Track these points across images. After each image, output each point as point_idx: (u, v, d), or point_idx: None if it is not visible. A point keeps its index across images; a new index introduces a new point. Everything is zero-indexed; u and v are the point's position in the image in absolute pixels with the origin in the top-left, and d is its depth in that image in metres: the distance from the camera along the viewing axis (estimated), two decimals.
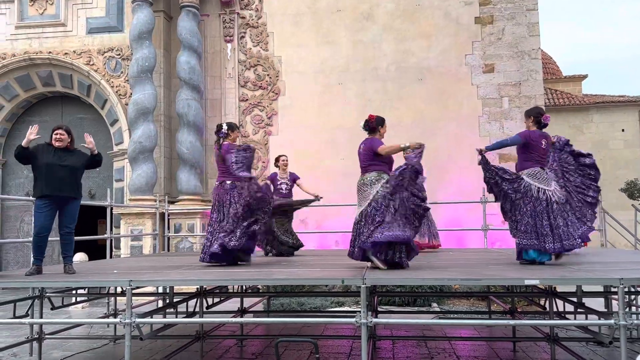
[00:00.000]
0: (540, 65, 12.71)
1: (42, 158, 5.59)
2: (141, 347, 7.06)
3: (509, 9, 12.75)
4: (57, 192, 5.55)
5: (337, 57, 13.16)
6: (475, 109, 12.66)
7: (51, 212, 5.60)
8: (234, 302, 8.31)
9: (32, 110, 14.40)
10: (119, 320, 4.67)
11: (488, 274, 4.74)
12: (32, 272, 5.43)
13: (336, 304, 9.63)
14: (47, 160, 5.58)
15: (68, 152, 5.75)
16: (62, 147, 5.71)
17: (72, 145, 5.83)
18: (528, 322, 5.73)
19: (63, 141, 5.71)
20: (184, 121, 12.43)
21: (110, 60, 13.27)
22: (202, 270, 5.81)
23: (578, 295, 6.08)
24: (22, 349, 6.59)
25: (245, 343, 7.26)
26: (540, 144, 5.63)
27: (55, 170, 5.55)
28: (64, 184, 5.58)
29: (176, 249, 12.09)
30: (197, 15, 12.88)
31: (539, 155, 5.63)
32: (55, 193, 5.54)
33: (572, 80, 24.98)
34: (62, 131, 5.76)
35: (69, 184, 5.63)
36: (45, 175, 5.54)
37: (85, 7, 13.51)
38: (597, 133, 21.99)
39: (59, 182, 5.54)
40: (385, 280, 5.15)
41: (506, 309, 7.57)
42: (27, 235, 13.31)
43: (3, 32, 13.71)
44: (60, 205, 5.63)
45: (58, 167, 5.58)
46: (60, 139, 5.69)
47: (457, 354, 6.59)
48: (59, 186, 5.55)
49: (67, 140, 5.75)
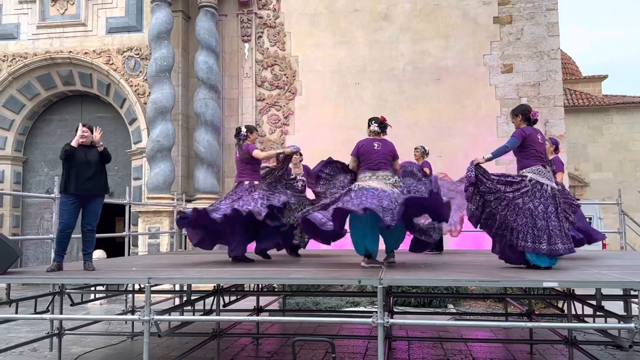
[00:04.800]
0: (559, 66, 12.58)
1: (75, 157, 5.70)
2: (158, 344, 7.13)
3: (528, 8, 12.64)
4: (84, 191, 5.66)
5: (353, 57, 13.15)
6: (493, 109, 12.57)
7: (76, 210, 5.69)
8: (250, 300, 8.35)
9: (53, 108, 14.61)
10: (137, 317, 4.72)
11: (505, 275, 4.71)
12: (52, 268, 5.51)
13: (351, 304, 9.63)
14: (79, 159, 5.69)
15: (91, 149, 5.84)
16: (87, 144, 5.81)
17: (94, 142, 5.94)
18: (546, 324, 5.67)
19: (89, 138, 5.82)
20: (202, 120, 12.52)
21: (129, 59, 13.40)
22: (219, 268, 5.86)
23: (597, 298, 6.00)
24: (43, 344, 6.70)
25: (261, 342, 7.30)
26: (537, 138, 5.46)
27: (85, 168, 5.70)
28: (91, 182, 5.71)
29: (193, 247, 12.15)
30: (215, 15, 12.96)
31: (537, 151, 5.43)
32: (84, 192, 5.66)
33: (591, 80, 24.70)
34: (86, 128, 5.87)
35: (95, 181, 5.75)
36: (77, 173, 5.67)
37: (105, 7, 13.67)
38: (617, 134, 21.72)
39: (87, 180, 5.68)
40: (402, 280, 5.13)
41: (523, 311, 7.51)
42: (47, 232, 13.52)
43: (25, 32, 13.93)
44: (84, 202, 5.73)
45: (86, 165, 5.71)
46: (84, 137, 5.79)
47: (473, 355, 6.56)
48: (87, 184, 5.67)
49: (91, 137, 5.85)
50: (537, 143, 5.44)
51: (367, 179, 5.65)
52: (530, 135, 5.43)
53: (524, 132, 5.43)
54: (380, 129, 5.95)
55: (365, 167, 5.73)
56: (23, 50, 13.83)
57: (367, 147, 5.77)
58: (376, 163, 5.69)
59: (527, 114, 5.55)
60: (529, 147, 5.41)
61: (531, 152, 5.41)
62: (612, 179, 21.23)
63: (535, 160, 5.39)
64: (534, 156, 5.40)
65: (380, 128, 5.95)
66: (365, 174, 5.69)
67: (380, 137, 5.92)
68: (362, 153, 5.76)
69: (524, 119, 5.56)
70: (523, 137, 5.40)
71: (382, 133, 5.95)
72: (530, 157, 5.40)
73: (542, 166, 5.38)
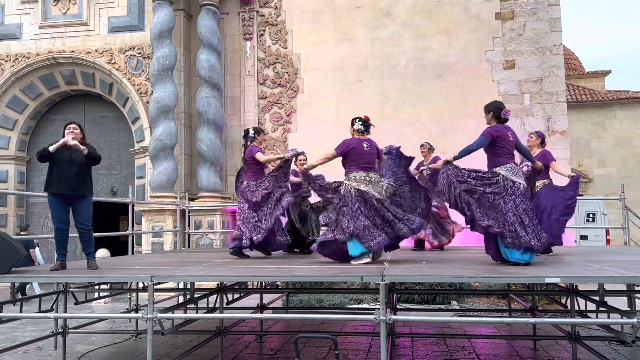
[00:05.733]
0: (562, 61, 12.54)
1: (57, 156, 5.63)
2: (162, 342, 7.15)
3: (530, 4, 12.60)
4: (65, 191, 5.55)
5: (355, 55, 13.14)
6: None
7: (64, 208, 5.61)
8: (253, 298, 8.37)
9: (56, 108, 14.66)
10: (141, 315, 4.73)
11: (508, 271, 4.70)
12: (56, 267, 5.53)
13: (355, 301, 9.64)
14: (61, 158, 5.61)
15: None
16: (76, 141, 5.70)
17: (84, 140, 5.84)
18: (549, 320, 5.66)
19: (77, 135, 5.72)
20: (204, 119, 12.54)
21: (131, 58, 13.43)
22: (222, 266, 5.87)
23: (600, 293, 5.99)
24: (47, 342, 6.73)
25: (264, 339, 7.32)
26: (508, 136, 5.42)
27: (64, 167, 5.57)
28: (71, 182, 5.57)
29: (196, 245, 12.21)
30: (217, 14, 12.96)
31: (508, 149, 5.41)
32: (63, 191, 5.56)
33: (594, 76, 24.62)
34: (75, 125, 5.75)
35: (76, 181, 5.60)
36: (56, 172, 5.57)
37: (107, 6, 13.69)
38: (621, 129, 21.63)
39: (65, 180, 5.54)
40: (404, 277, 5.14)
41: (527, 307, 7.50)
42: (51, 231, 13.46)
43: (27, 32, 13.96)
44: (70, 202, 5.64)
45: (66, 164, 5.58)
46: (74, 133, 5.70)
47: (476, 352, 6.56)
48: (66, 184, 5.54)
49: (80, 135, 5.76)
50: (508, 141, 5.41)
51: (362, 178, 5.69)
52: (501, 134, 5.40)
53: (493, 131, 5.40)
54: (364, 128, 6.01)
55: (358, 166, 5.79)
56: (26, 50, 13.87)
57: (358, 148, 5.82)
58: (367, 163, 5.79)
59: (498, 112, 5.51)
60: (500, 146, 5.39)
61: (502, 150, 5.39)
62: (615, 174, 21.16)
63: (507, 158, 5.38)
64: (506, 154, 5.39)
65: (364, 127, 6.01)
66: (360, 173, 5.74)
67: (366, 137, 5.99)
68: (353, 153, 5.82)
69: (495, 117, 5.53)
70: (492, 137, 5.38)
71: (365, 132, 6.02)
72: (501, 155, 5.38)
73: (514, 163, 5.38)
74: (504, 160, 5.34)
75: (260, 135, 7.06)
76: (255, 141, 6.95)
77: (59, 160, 5.60)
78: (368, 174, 5.73)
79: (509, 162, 5.34)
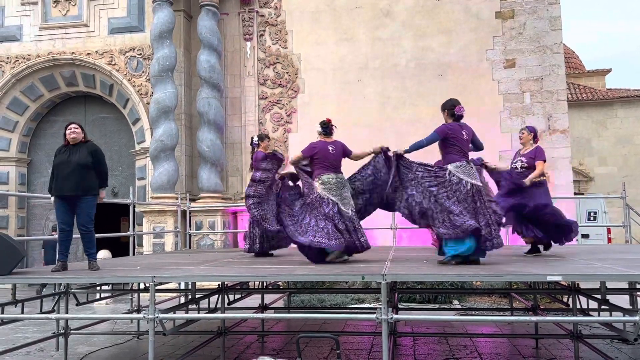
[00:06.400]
0: (562, 60, 12.53)
1: (56, 159, 5.65)
2: (164, 342, 7.15)
3: (530, 3, 12.59)
4: (67, 192, 5.56)
5: (356, 54, 13.14)
6: (497, 104, 12.54)
7: (67, 208, 5.62)
8: (255, 298, 8.36)
9: (56, 109, 14.67)
10: (142, 315, 4.73)
11: (509, 270, 4.70)
12: (57, 268, 5.53)
13: (356, 301, 9.63)
14: (57, 161, 5.62)
15: (80, 147, 5.71)
16: (77, 141, 5.72)
17: (85, 137, 5.83)
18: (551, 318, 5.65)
19: (78, 134, 5.73)
20: (205, 119, 12.54)
21: (131, 60, 13.43)
22: (223, 266, 5.87)
23: (602, 291, 5.99)
24: (49, 343, 6.73)
25: (266, 339, 7.31)
26: (461, 135, 5.46)
27: (64, 168, 5.57)
28: (71, 183, 5.56)
29: (197, 246, 12.21)
30: (217, 14, 12.97)
31: (461, 147, 5.43)
32: (65, 193, 5.57)
33: (595, 74, 24.62)
34: (75, 125, 5.76)
35: (76, 182, 5.58)
36: (56, 175, 5.59)
37: (107, 7, 13.70)
38: (622, 128, 21.62)
39: (67, 181, 5.54)
40: (406, 276, 5.14)
41: (528, 306, 7.49)
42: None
43: (27, 34, 13.97)
44: (72, 203, 5.64)
45: (66, 164, 5.58)
46: (75, 132, 5.70)
47: (478, 351, 6.55)
48: (68, 186, 5.54)
49: (81, 134, 5.75)
50: (461, 139, 5.45)
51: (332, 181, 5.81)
52: (454, 132, 5.44)
53: (446, 129, 5.46)
54: (324, 130, 6.09)
55: (325, 168, 5.91)
56: (26, 51, 13.88)
57: (323, 152, 5.95)
58: (334, 165, 5.94)
59: (452, 109, 5.56)
60: (451, 144, 5.43)
61: (455, 148, 5.43)
62: (616, 173, 21.15)
63: (459, 156, 5.41)
64: (458, 152, 5.42)
65: (323, 130, 6.10)
66: (330, 175, 5.84)
67: (332, 140, 6.10)
68: (319, 156, 5.95)
69: (450, 114, 5.59)
70: (444, 134, 5.43)
71: (328, 135, 6.13)
72: (454, 152, 5.43)
73: (465, 162, 5.40)
74: (456, 157, 5.41)
75: (264, 141, 7.26)
76: (260, 147, 7.15)
77: (59, 162, 5.61)
78: (337, 175, 5.88)
79: (460, 160, 5.39)
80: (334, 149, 6.00)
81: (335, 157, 5.98)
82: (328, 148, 5.97)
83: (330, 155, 5.94)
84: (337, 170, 5.93)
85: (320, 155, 5.94)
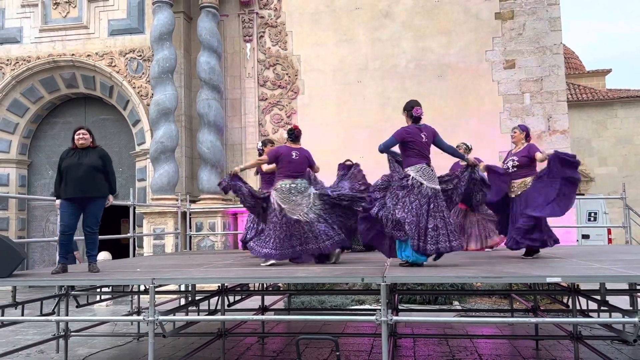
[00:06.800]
0: (562, 60, 12.53)
1: (64, 162, 5.69)
2: (164, 344, 7.15)
3: (530, 3, 12.59)
4: (78, 194, 5.61)
5: (355, 55, 13.14)
6: (496, 105, 12.54)
7: (75, 212, 5.69)
8: (255, 300, 8.36)
9: (56, 111, 14.67)
10: (142, 317, 4.74)
11: (509, 271, 4.70)
12: (57, 270, 5.54)
13: (357, 302, 9.63)
14: (67, 163, 5.67)
15: (89, 150, 5.82)
16: (85, 146, 5.80)
17: (94, 143, 5.93)
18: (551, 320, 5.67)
19: (86, 140, 5.81)
20: (205, 121, 12.54)
21: (131, 61, 13.44)
22: (223, 268, 5.87)
23: (602, 292, 5.99)
24: (49, 346, 6.73)
25: (266, 341, 7.32)
26: (420, 137, 5.47)
27: (74, 170, 5.62)
28: (83, 184, 5.63)
29: (198, 247, 12.21)
30: (217, 16, 12.97)
31: (420, 150, 5.46)
32: (76, 195, 5.61)
33: (595, 75, 24.62)
34: (84, 131, 5.87)
35: (88, 183, 5.66)
36: (66, 177, 5.63)
37: (107, 9, 13.71)
38: (622, 128, 21.62)
39: (78, 183, 5.60)
40: (405, 278, 5.14)
41: (529, 307, 7.49)
42: (53, 234, 13.57)
43: (27, 36, 13.98)
44: (82, 205, 5.71)
45: (76, 167, 5.64)
46: (84, 138, 5.80)
47: (478, 352, 6.55)
48: (79, 187, 5.60)
49: (89, 140, 5.85)
50: (419, 142, 5.47)
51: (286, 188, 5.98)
52: (411, 134, 5.47)
53: (403, 132, 5.50)
54: (290, 136, 6.30)
55: (284, 175, 6.07)
56: (26, 53, 13.89)
57: (287, 157, 6.10)
58: (295, 172, 6.08)
59: (410, 110, 5.60)
60: (410, 147, 5.47)
61: (413, 151, 5.47)
62: (617, 173, 21.14)
63: (418, 159, 5.45)
64: (416, 155, 5.45)
65: (289, 136, 6.31)
66: (285, 181, 6.02)
67: (297, 146, 6.25)
68: (281, 161, 6.11)
69: (409, 116, 5.63)
70: (401, 137, 5.48)
71: (294, 141, 6.29)
72: (412, 155, 5.47)
73: (425, 164, 5.44)
74: (415, 160, 5.45)
75: (267, 147, 7.37)
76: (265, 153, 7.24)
77: (69, 164, 5.65)
78: (294, 181, 6.02)
79: (419, 163, 5.43)
80: (297, 155, 6.14)
81: (297, 163, 6.11)
82: (291, 153, 6.13)
83: (293, 161, 6.09)
84: (297, 176, 6.07)
85: (282, 160, 6.10)
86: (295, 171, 6.07)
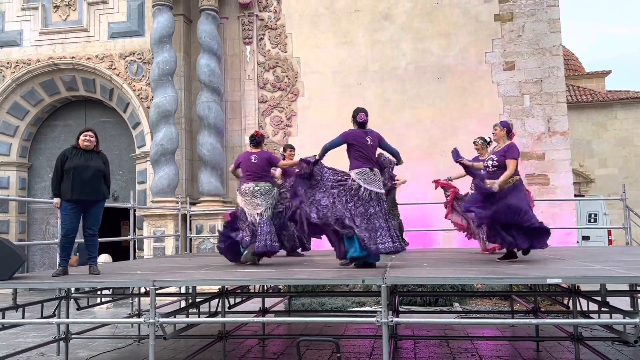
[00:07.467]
0: (561, 62, 12.55)
1: (69, 162, 5.70)
2: (165, 346, 7.15)
3: (529, 5, 12.61)
4: (83, 196, 5.64)
5: (355, 58, 13.15)
6: (496, 107, 12.55)
7: (77, 215, 5.70)
8: (255, 302, 8.37)
9: (57, 114, 14.68)
10: (143, 320, 4.74)
11: (510, 272, 4.70)
12: (58, 273, 5.54)
13: (357, 304, 9.63)
14: (73, 164, 5.68)
15: (93, 154, 5.86)
16: (89, 148, 5.81)
17: (97, 147, 5.95)
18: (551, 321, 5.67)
19: (92, 142, 5.83)
20: (205, 123, 12.55)
21: (131, 64, 13.46)
22: (224, 270, 5.87)
23: (602, 294, 5.99)
24: (50, 348, 6.73)
25: (266, 343, 7.31)
26: (365, 141, 5.62)
27: (81, 173, 5.65)
28: (89, 187, 5.67)
29: (198, 249, 12.20)
30: (217, 18, 12.99)
31: (365, 154, 5.59)
32: (81, 197, 5.63)
33: (595, 76, 24.61)
34: (91, 133, 5.89)
35: (94, 186, 5.71)
36: (72, 179, 5.63)
37: (107, 12, 13.73)
38: (622, 129, 21.62)
39: (84, 185, 5.63)
40: (406, 279, 5.14)
41: (529, 308, 7.49)
42: (53, 237, 13.58)
43: (28, 39, 14.00)
44: (84, 207, 5.73)
45: (83, 169, 5.67)
46: (90, 140, 5.81)
47: (479, 353, 6.55)
48: (84, 189, 5.63)
49: (94, 142, 5.86)
50: (365, 145, 5.62)
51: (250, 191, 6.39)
52: (356, 138, 5.65)
53: (348, 135, 5.69)
54: (251, 141, 6.70)
55: (247, 178, 6.49)
56: (26, 56, 13.90)
57: (246, 162, 6.53)
58: (255, 173, 6.45)
59: (355, 116, 5.82)
60: (355, 150, 5.61)
61: (357, 154, 5.60)
62: (617, 174, 21.14)
63: (362, 162, 5.57)
64: (361, 158, 5.58)
65: (250, 141, 6.72)
66: (249, 184, 6.43)
67: (257, 150, 6.63)
68: (242, 166, 6.55)
69: (354, 121, 5.83)
70: (346, 139, 5.67)
71: (254, 145, 6.66)
72: (356, 158, 5.61)
73: (368, 169, 5.55)
74: (358, 163, 5.58)
75: (286, 151, 7.95)
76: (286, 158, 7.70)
77: (74, 168, 5.65)
78: (257, 184, 6.41)
79: (363, 167, 5.56)
80: (257, 158, 6.47)
81: (256, 166, 6.44)
82: (250, 158, 6.51)
83: (251, 165, 6.45)
84: (259, 179, 6.41)
85: (243, 165, 6.52)
86: (255, 173, 6.43)
